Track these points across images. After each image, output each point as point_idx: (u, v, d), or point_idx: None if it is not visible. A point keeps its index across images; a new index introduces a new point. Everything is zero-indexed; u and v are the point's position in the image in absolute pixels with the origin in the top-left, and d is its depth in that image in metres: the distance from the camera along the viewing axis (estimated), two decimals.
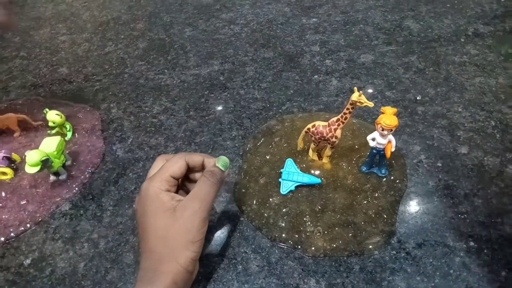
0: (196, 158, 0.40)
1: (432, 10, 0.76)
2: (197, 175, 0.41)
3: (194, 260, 0.36)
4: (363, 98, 0.41)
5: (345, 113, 0.44)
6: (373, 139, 0.45)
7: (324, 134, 0.46)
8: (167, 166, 0.38)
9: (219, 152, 0.55)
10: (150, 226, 0.36)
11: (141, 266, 0.36)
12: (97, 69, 0.73)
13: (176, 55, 0.73)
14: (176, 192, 0.40)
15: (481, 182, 0.47)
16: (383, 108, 0.42)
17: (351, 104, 0.42)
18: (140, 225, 0.38)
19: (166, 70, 0.70)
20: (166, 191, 0.37)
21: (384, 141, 0.44)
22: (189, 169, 0.40)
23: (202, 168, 0.40)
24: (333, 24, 0.75)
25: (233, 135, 0.57)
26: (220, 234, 0.46)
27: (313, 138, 0.48)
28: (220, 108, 0.62)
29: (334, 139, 0.46)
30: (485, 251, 0.41)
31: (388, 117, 0.41)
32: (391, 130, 0.42)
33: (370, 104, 0.42)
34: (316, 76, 0.65)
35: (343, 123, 0.45)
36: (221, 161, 0.39)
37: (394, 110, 0.41)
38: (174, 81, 0.68)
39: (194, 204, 0.36)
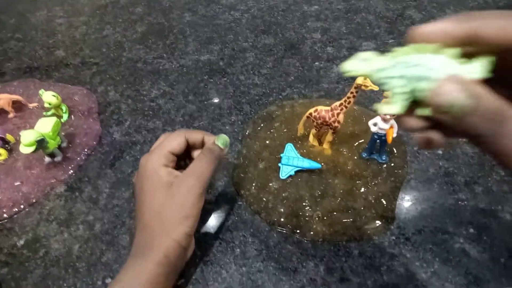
0: (196, 135, 0.40)
1: (434, 0, 0.75)
2: (197, 153, 0.41)
3: (188, 235, 0.35)
4: (368, 82, 0.41)
5: (348, 97, 0.43)
6: (375, 124, 0.44)
7: (327, 119, 0.45)
8: (166, 142, 0.38)
9: None
10: (146, 201, 0.36)
11: (135, 241, 0.36)
12: (95, 52, 0.72)
13: (175, 40, 0.72)
14: (178, 170, 0.39)
15: (482, 170, 0.47)
16: (386, 93, 0.41)
17: (355, 87, 0.42)
18: (137, 199, 0.37)
19: (164, 55, 0.69)
20: (164, 166, 0.37)
21: (386, 126, 0.43)
22: (190, 147, 0.40)
23: (202, 145, 0.40)
24: (334, 12, 0.75)
25: (233, 120, 0.56)
26: (218, 218, 0.45)
27: (314, 123, 0.47)
28: (219, 93, 0.61)
29: (336, 124, 0.45)
30: (485, 238, 0.41)
31: None
32: (394, 114, 0.41)
33: (375, 87, 0.41)
34: (317, 63, 0.64)
35: (346, 107, 0.44)
36: (221, 139, 0.39)
37: None
38: (173, 66, 0.67)
39: (190, 180, 0.36)
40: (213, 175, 0.38)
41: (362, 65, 0.21)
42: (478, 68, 0.18)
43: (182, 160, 0.41)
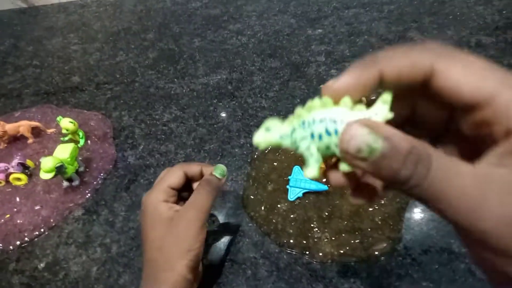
0: (194, 168, 0.40)
1: (435, 21, 0.78)
2: (196, 185, 0.42)
3: (192, 268, 0.36)
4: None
5: None
6: None
7: None
8: (165, 177, 0.39)
9: (228, 159, 0.56)
10: (148, 237, 0.37)
11: (143, 276, 0.37)
12: (109, 78, 0.75)
13: (186, 65, 0.75)
14: (179, 203, 0.40)
15: None
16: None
17: None
18: (142, 235, 0.38)
19: (175, 79, 0.72)
20: (164, 202, 0.38)
21: None
22: (189, 179, 0.41)
23: (201, 177, 0.41)
24: (338, 35, 0.77)
25: (242, 142, 0.59)
26: (229, 240, 0.47)
27: None
28: (228, 116, 0.63)
29: None
30: None
31: None
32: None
33: None
34: (322, 86, 0.66)
35: None
36: (218, 170, 0.40)
37: None
38: (184, 90, 0.70)
39: (189, 213, 0.36)
40: (213, 206, 0.38)
41: (268, 135, 0.20)
42: (380, 109, 0.17)
43: (185, 192, 0.42)
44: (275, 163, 0.54)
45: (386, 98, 0.17)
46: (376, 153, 0.16)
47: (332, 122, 0.18)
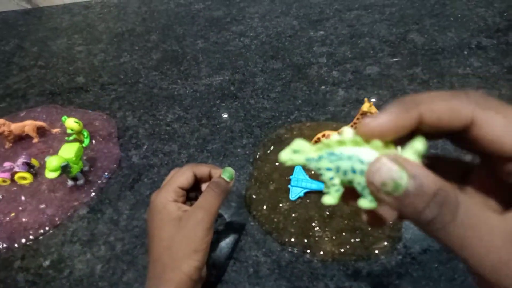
0: (203, 169, 0.41)
1: (436, 23, 0.78)
2: (205, 186, 0.42)
3: (198, 268, 0.36)
4: (373, 109, 0.44)
5: (355, 123, 0.46)
6: None
7: None
8: (175, 177, 0.40)
9: (230, 159, 0.57)
10: (156, 236, 0.37)
11: (148, 275, 0.37)
12: (113, 79, 0.76)
13: (189, 66, 0.76)
14: (186, 203, 0.41)
15: None
16: None
17: (361, 114, 0.44)
18: (148, 234, 0.39)
19: (179, 80, 0.73)
20: (173, 202, 0.38)
21: None
22: (198, 180, 0.41)
23: (209, 178, 0.41)
24: (339, 37, 0.78)
25: (244, 143, 0.59)
26: (232, 238, 0.48)
27: None
28: (231, 116, 0.64)
29: None
30: None
31: None
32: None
33: None
34: (323, 87, 0.67)
35: None
36: (227, 172, 0.41)
37: None
38: (187, 91, 0.70)
39: (198, 214, 0.37)
40: (220, 207, 0.39)
41: (295, 156, 0.21)
42: (411, 153, 0.17)
43: (193, 192, 0.42)
44: (277, 163, 0.55)
45: (417, 146, 0.17)
46: (401, 189, 0.16)
47: (359, 162, 0.18)
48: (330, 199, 0.20)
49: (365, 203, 0.19)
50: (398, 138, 0.18)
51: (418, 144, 0.17)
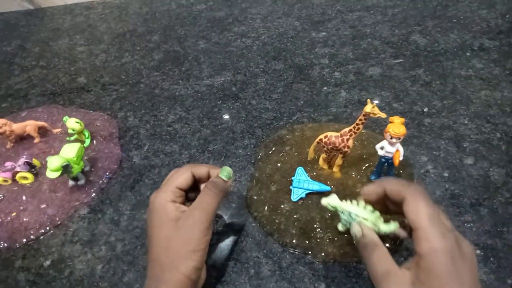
0: (201, 169, 0.41)
1: (438, 25, 0.78)
2: (203, 186, 0.42)
3: (197, 269, 0.36)
4: (376, 110, 0.43)
5: (357, 124, 0.46)
6: (382, 148, 0.47)
7: (337, 144, 0.48)
8: (173, 177, 0.40)
9: (232, 160, 0.57)
10: (154, 236, 0.37)
11: (147, 275, 0.37)
12: (114, 79, 0.76)
13: (190, 67, 0.76)
14: (186, 203, 0.41)
15: (487, 192, 0.48)
16: (391, 118, 0.44)
17: (364, 115, 0.44)
18: (147, 235, 0.39)
19: (180, 81, 0.73)
20: (171, 202, 0.38)
21: (392, 150, 0.45)
22: (197, 180, 0.41)
23: (208, 178, 0.41)
24: (341, 38, 0.78)
25: (245, 143, 0.59)
26: (233, 239, 0.47)
27: (325, 149, 0.50)
28: (232, 117, 0.64)
29: (346, 149, 0.48)
30: (491, 259, 0.42)
31: (397, 125, 0.43)
32: (399, 138, 0.43)
33: (383, 115, 0.43)
34: (325, 88, 0.67)
35: (355, 133, 0.47)
36: (225, 172, 0.40)
37: (402, 119, 0.43)
38: (188, 91, 0.70)
39: (195, 214, 0.37)
40: (218, 207, 0.39)
41: (338, 202, 0.40)
42: (388, 228, 0.37)
43: (192, 193, 0.42)
44: (278, 164, 0.55)
45: (392, 227, 0.37)
46: (357, 239, 0.36)
47: (354, 214, 0.38)
48: (339, 227, 0.44)
49: (340, 227, 0.44)
50: (379, 199, 0.37)
51: (393, 225, 0.37)
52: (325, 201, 0.41)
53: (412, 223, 0.31)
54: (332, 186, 0.50)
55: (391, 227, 0.36)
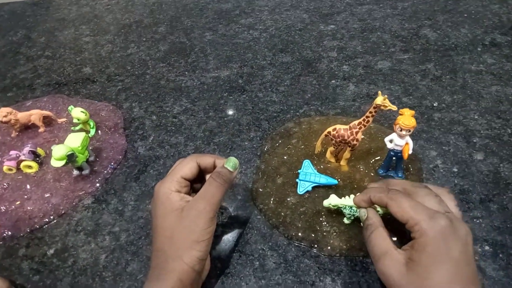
0: (207, 160, 0.40)
1: (449, 19, 0.77)
2: (208, 177, 0.41)
3: (200, 259, 0.36)
4: (387, 102, 0.42)
5: (367, 117, 0.45)
6: (391, 141, 0.46)
7: (346, 137, 0.47)
8: (178, 167, 0.39)
9: (238, 152, 0.56)
10: (158, 226, 0.37)
11: (151, 265, 0.37)
12: (120, 70, 0.76)
13: (197, 58, 0.75)
14: (191, 194, 0.40)
15: (496, 188, 0.47)
16: (401, 110, 0.43)
17: (374, 107, 0.43)
18: (152, 224, 0.38)
19: (186, 72, 0.72)
20: (176, 192, 0.38)
21: (401, 143, 0.45)
22: (202, 170, 0.41)
23: (214, 169, 0.41)
24: (350, 31, 0.77)
25: (251, 136, 0.59)
26: (238, 231, 0.47)
27: (333, 142, 0.49)
28: (238, 109, 0.63)
29: (355, 142, 0.47)
30: (500, 255, 0.41)
31: (407, 118, 0.42)
32: (409, 130, 0.42)
33: (394, 107, 0.42)
34: (333, 81, 0.66)
35: (364, 126, 0.46)
36: (230, 162, 0.40)
37: (412, 112, 0.42)
38: (194, 83, 0.70)
39: (200, 205, 0.36)
40: (223, 198, 0.38)
41: (338, 200, 0.43)
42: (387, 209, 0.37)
43: (197, 183, 0.41)
44: (284, 157, 0.54)
45: (364, 212, 0.40)
46: (362, 220, 0.39)
47: (355, 207, 0.41)
48: (346, 221, 0.45)
49: (346, 220, 0.45)
50: (370, 204, 0.39)
51: (362, 211, 0.40)
52: (326, 203, 0.44)
53: (401, 220, 0.33)
54: (339, 180, 0.49)
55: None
